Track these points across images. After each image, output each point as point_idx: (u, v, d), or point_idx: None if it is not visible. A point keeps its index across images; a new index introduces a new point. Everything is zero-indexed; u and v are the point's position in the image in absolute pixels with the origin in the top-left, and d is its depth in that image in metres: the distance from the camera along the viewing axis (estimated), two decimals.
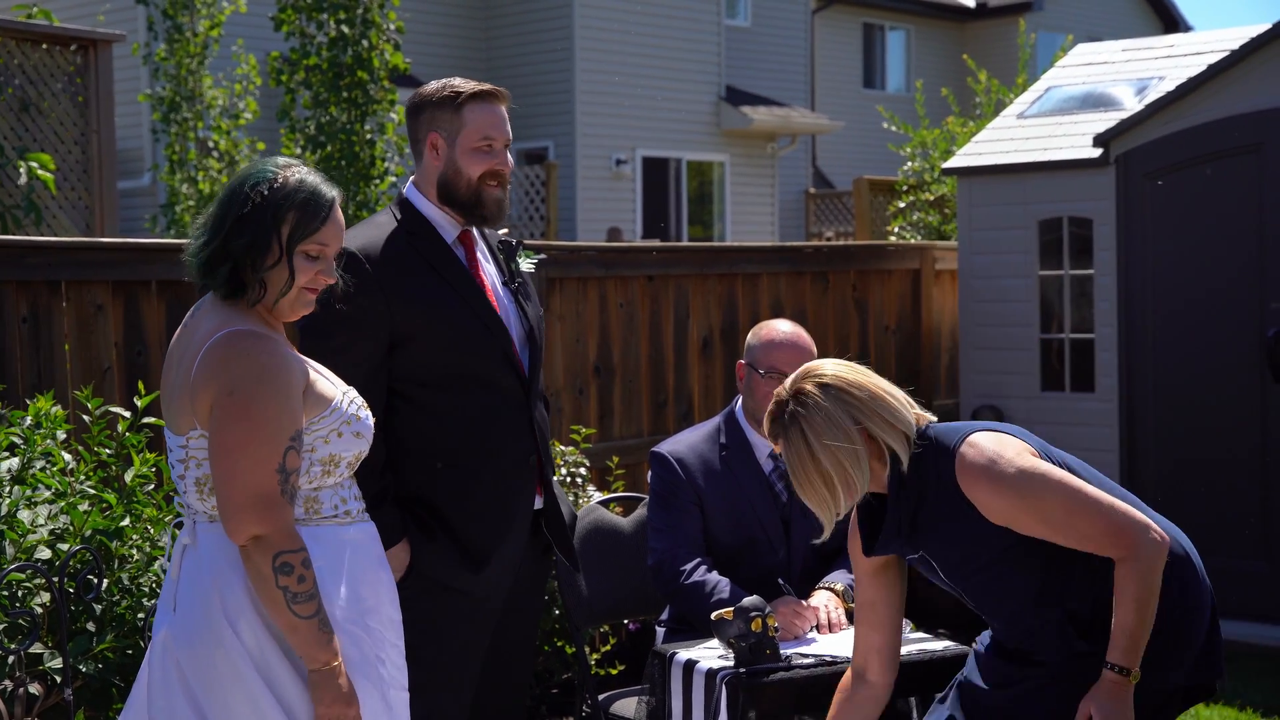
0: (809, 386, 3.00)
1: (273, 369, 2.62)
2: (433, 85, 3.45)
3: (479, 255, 3.49)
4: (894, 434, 3.01)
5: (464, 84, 3.42)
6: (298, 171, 2.73)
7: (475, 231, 3.51)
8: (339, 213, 2.76)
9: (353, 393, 2.83)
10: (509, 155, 3.44)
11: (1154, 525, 2.91)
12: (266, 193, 2.67)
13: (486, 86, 3.43)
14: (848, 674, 3.30)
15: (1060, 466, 3.02)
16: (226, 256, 2.67)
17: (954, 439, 3.01)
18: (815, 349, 4.09)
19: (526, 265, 3.57)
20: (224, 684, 2.61)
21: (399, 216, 3.42)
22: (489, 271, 3.49)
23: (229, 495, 2.58)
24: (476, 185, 3.39)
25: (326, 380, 2.78)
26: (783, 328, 4.12)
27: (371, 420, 2.84)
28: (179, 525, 2.79)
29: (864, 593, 3.22)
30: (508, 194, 3.46)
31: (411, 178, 3.51)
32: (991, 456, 2.94)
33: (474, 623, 3.42)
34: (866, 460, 2.98)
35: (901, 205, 11.28)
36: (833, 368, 3.06)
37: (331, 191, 2.75)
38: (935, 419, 3.12)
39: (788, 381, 3.06)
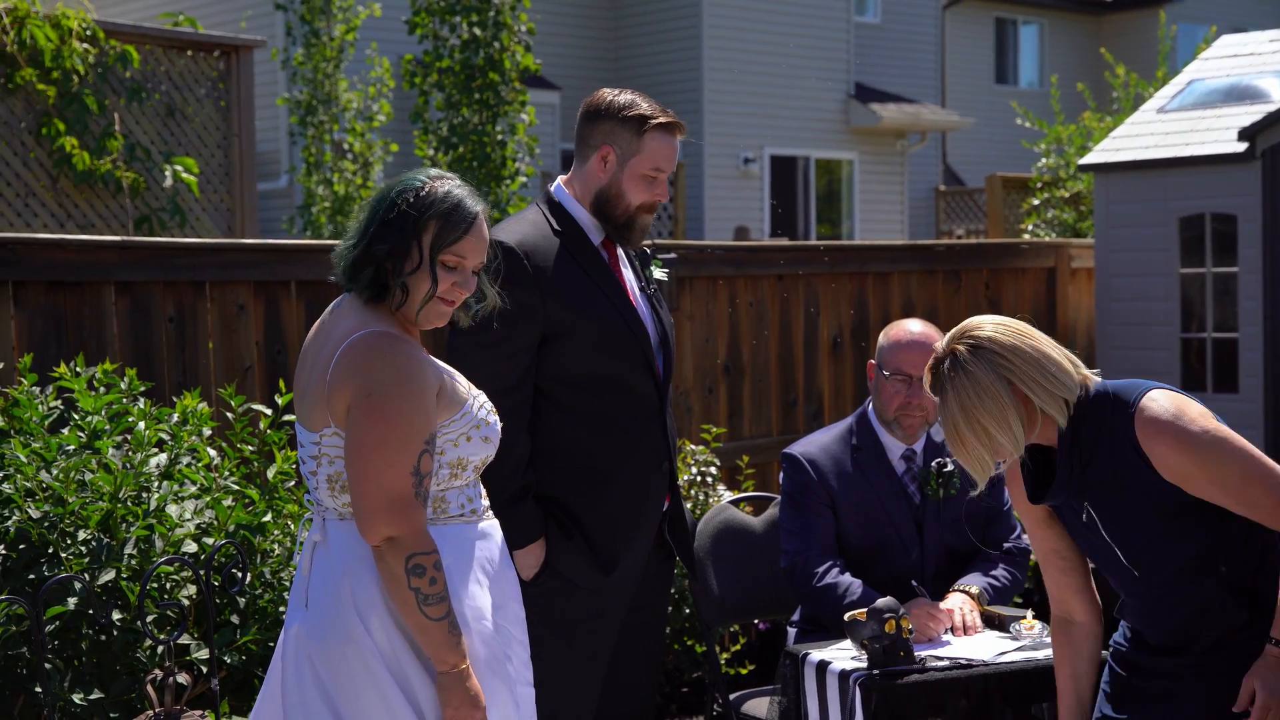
0: (961, 347, 2.97)
1: (410, 372, 2.65)
2: (620, 98, 3.42)
3: (620, 259, 3.52)
4: (1048, 395, 2.94)
5: (650, 108, 3.42)
6: (447, 183, 2.76)
7: None
8: (483, 227, 2.77)
9: (482, 397, 2.86)
10: (668, 185, 3.47)
11: None
12: (412, 200, 2.71)
13: (670, 118, 3.43)
14: (1055, 624, 3.28)
15: None
16: (370, 260, 2.71)
17: (1133, 395, 2.95)
18: None
19: (660, 274, 3.59)
20: (356, 679, 2.65)
21: (550, 217, 3.45)
22: (629, 277, 3.52)
23: (364, 496, 2.62)
24: (634, 211, 3.42)
25: (459, 384, 2.81)
26: (911, 328, 4.05)
27: (499, 425, 2.86)
28: (309, 521, 2.84)
29: (1041, 542, 3.20)
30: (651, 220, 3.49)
31: (561, 178, 3.53)
32: (1175, 413, 2.90)
33: (602, 622, 3.44)
34: (1019, 421, 2.93)
35: (1035, 202, 11.09)
36: (990, 328, 2.99)
37: (478, 206, 2.76)
38: (1100, 377, 3.05)
39: (943, 340, 3.03)
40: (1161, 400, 2.92)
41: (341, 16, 12.62)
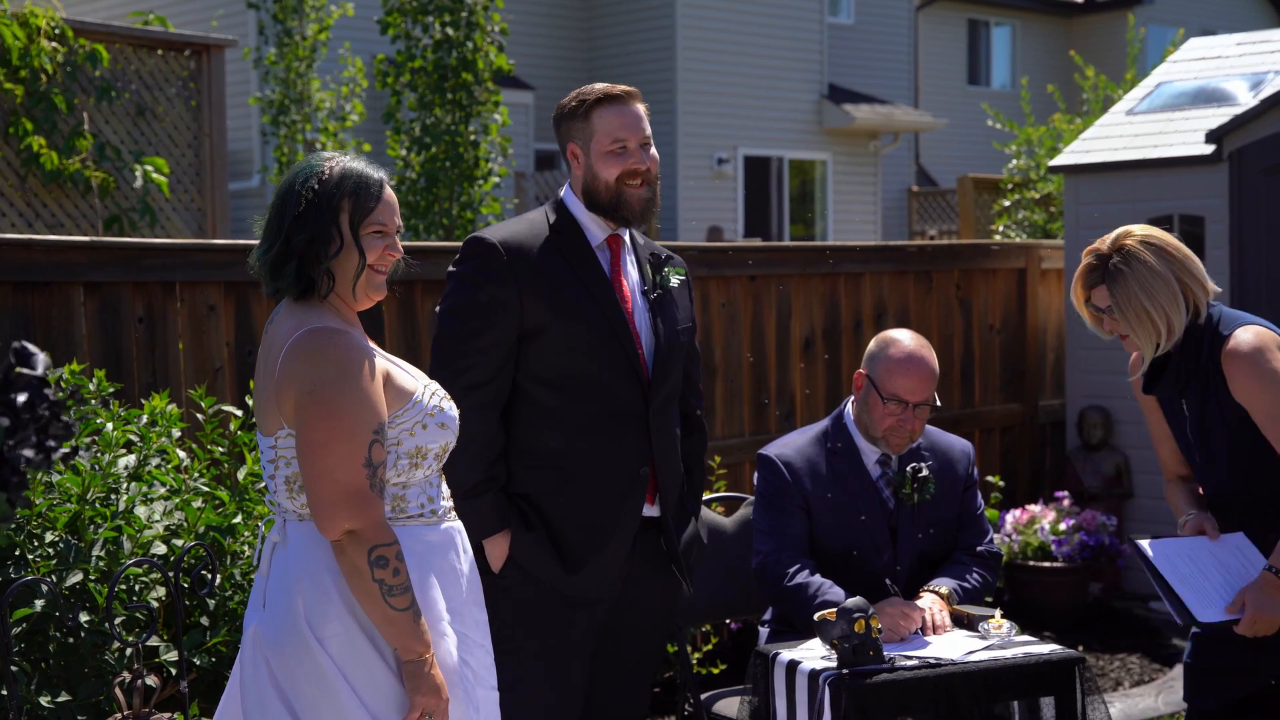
0: (1133, 244, 3.43)
1: (349, 364, 2.66)
2: (567, 96, 3.50)
3: (624, 262, 3.50)
4: (1200, 289, 3.44)
5: (592, 90, 3.45)
6: (341, 161, 2.80)
7: (626, 238, 3.53)
8: (390, 191, 2.83)
9: (434, 384, 2.87)
10: (649, 152, 3.43)
11: None
12: (317, 186, 2.74)
13: (615, 89, 3.44)
14: (1168, 479, 3.74)
15: None
16: (290, 255, 2.73)
17: (1231, 326, 3.44)
18: (938, 368, 4.04)
19: (675, 280, 3.56)
20: (309, 682, 2.66)
21: (551, 217, 3.47)
22: (631, 278, 3.50)
23: (320, 493, 2.63)
24: (615, 187, 3.40)
25: (406, 374, 2.82)
26: (907, 344, 4.01)
27: (455, 411, 2.87)
28: (268, 523, 2.85)
29: (1157, 425, 3.67)
30: (656, 190, 3.45)
31: (568, 182, 3.56)
32: (1255, 349, 3.38)
33: (575, 624, 3.41)
34: (1182, 308, 3.42)
35: (1006, 204, 11.14)
36: (1150, 231, 3.47)
37: (378, 173, 2.82)
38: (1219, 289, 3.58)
39: (1109, 239, 3.48)
40: (1248, 336, 3.40)
41: (314, 16, 12.59)
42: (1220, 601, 3.41)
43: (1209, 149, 6.76)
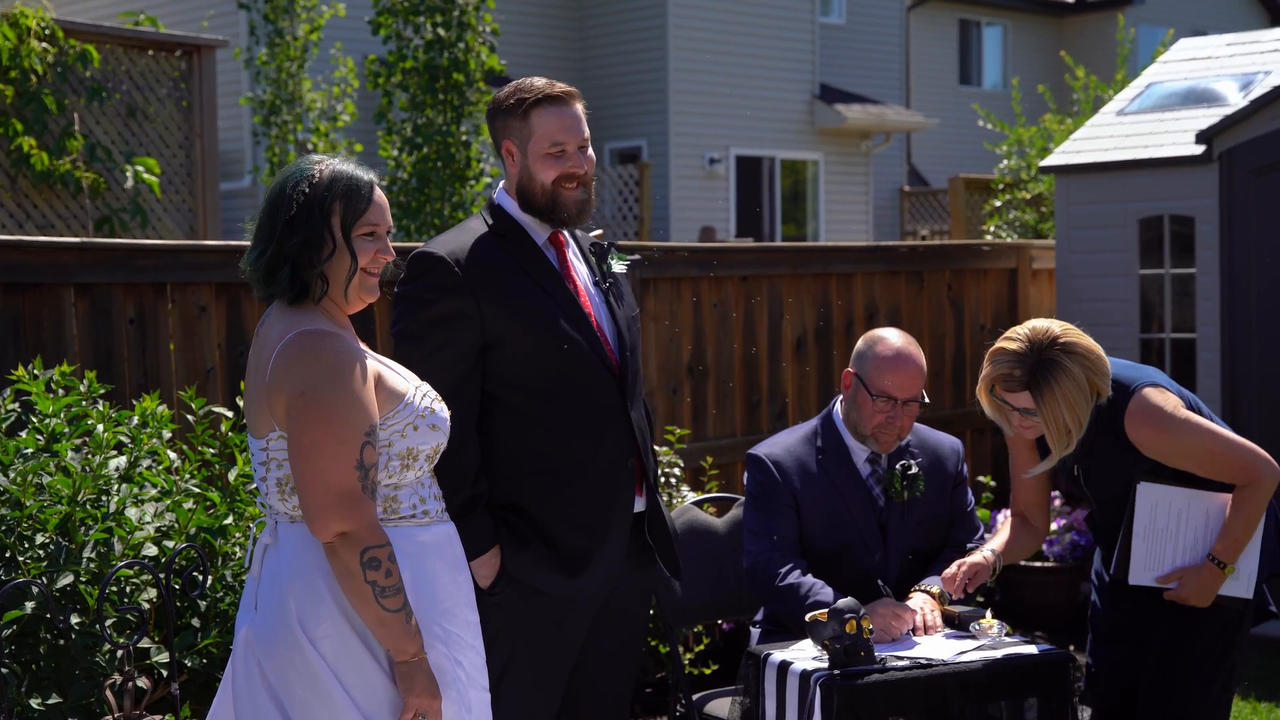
0: (1057, 355, 3.55)
1: (341, 366, 2.67)
2: (504, 91, 3.45)
3: (570, 256, 3.48)
4: (1105, 383, 3.60)
5: (531, 88, 3.39)
6: (331, 164, 2.80)
7: (565, 234, 3.50)
8: (380, 193, 2.83)
9: (425, 386, 2.87)
10: (586, 154, 3.39)
11: (1271, 459, 3.64)
12: (308, 190, 2.74)
13: (555, 89, 3.39)
14: (1015, 519, 4.00)
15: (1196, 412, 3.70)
16: (283, 259, 2.73)
17: (1128, 389, 3.63)
18: (925, 365, 4.05)
19: (619, 267, 3.53)
20: (302, 684, 2.67)
21: (489, 220, 3.43)
22: (581, 273, 3.48)
23: (312, 495, 2.63)
24: (551, 190, 3.37)
25: (397, 375, 2.82)
26: (895, 342, 4.03)
27: (446, 413, 2.87)
28: (260, 525, 2.85)
29: (1019, 467, 3.91)
30: (591, 192, 3.42)
31: (501, 182, 3.52)
32: (1156, 408, 3.61)
33: (565, 626, 3.40)
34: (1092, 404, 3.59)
35: (998, 204, 11.16)
36: (1067, 331, 3.59)
37: (368, 175, 2.82)
38: None
39: (1027, 338, 3.58)
40: (1146, 399, 3.61)
41: (305, 16, 12.57)
42: (1167, 566, 3.70)
43: (1199, 149, 6.77)
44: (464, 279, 3.29)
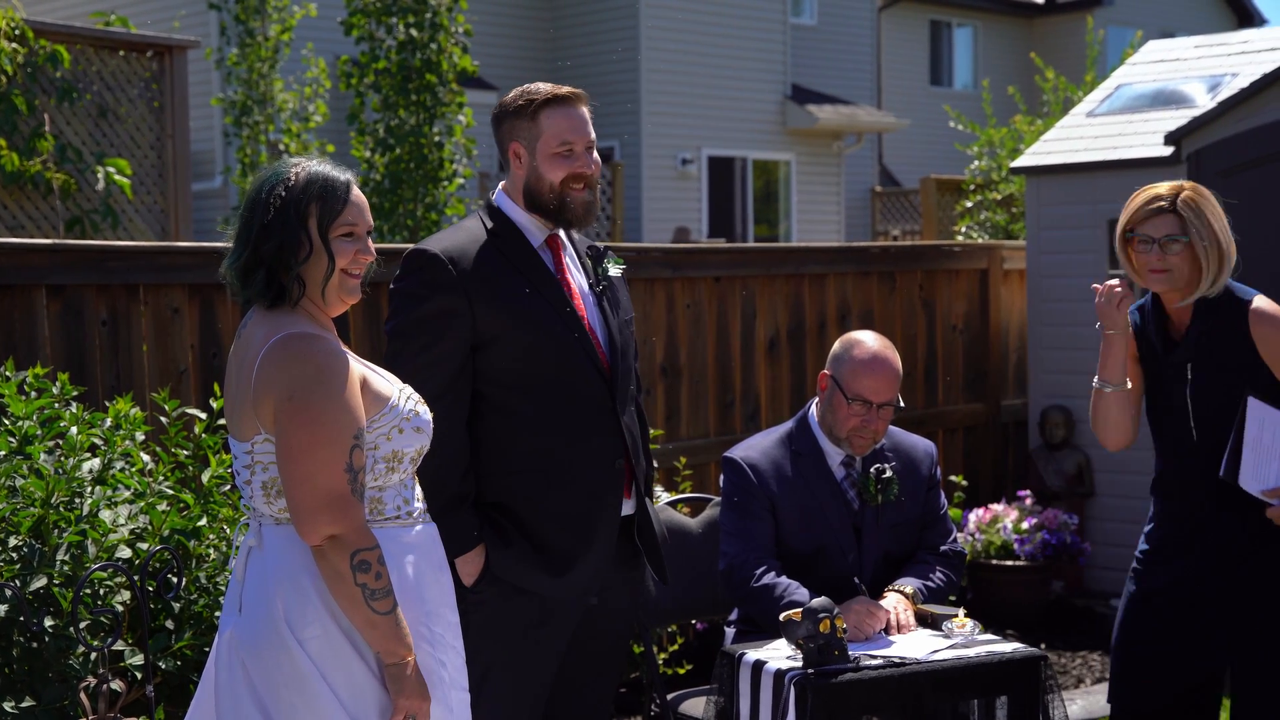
0: (1199, 190, 3.65)
1: (329, 369, 2.66)
2: (512, 94, 3.48)
3: (566, 259, 3.50)
4: (1232, 257, 3.66)
5: (539, 90, 3.43)
6: (308, 166, 2.79)
7: (563, 237, 3.52)
8: (357, 192, 2.82)
9: (409, 389, 2.87)
10: (593, 156, 3.43)
11: None
12: (284, 193, 2.74)
13: (562, 91, 3.43)
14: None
15: None
16: (259, 263, 2.73)
17: (1248, 294, 3.69)
18: (901, 369, 4.07)
19: (615, 270, 3.56)
20: (289, 687, 2.66)
21: (486, 221, 3.45)
22: (576, 275, 3.50)
23: (301, 498, 2.63)
24: (560, 190, 3.39)
25: (381, 378, 2.82)
26: (871, 345, 4.04)
27: (430, 415, 2.87)
28: (244, 526, 2.85)
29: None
30: (597, 194, 3.45)
31: (501, 184, 3.53)
32: (1277, 311, 3.65)
33: (549, 628, 3.40)
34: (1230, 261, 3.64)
35: (969, 204, 11.21)
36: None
37: (345, 175, 2.81)
38: None
39: (1163, 187, 3.66)
40: (1268, 300, 3.68)
41: (276, 17, 12.53)
42: (1272, 481, 3.58)
43: (1168, 150, 6.83)
44: (457, 277, 3.31)
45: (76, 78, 7.68)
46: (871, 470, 4.06)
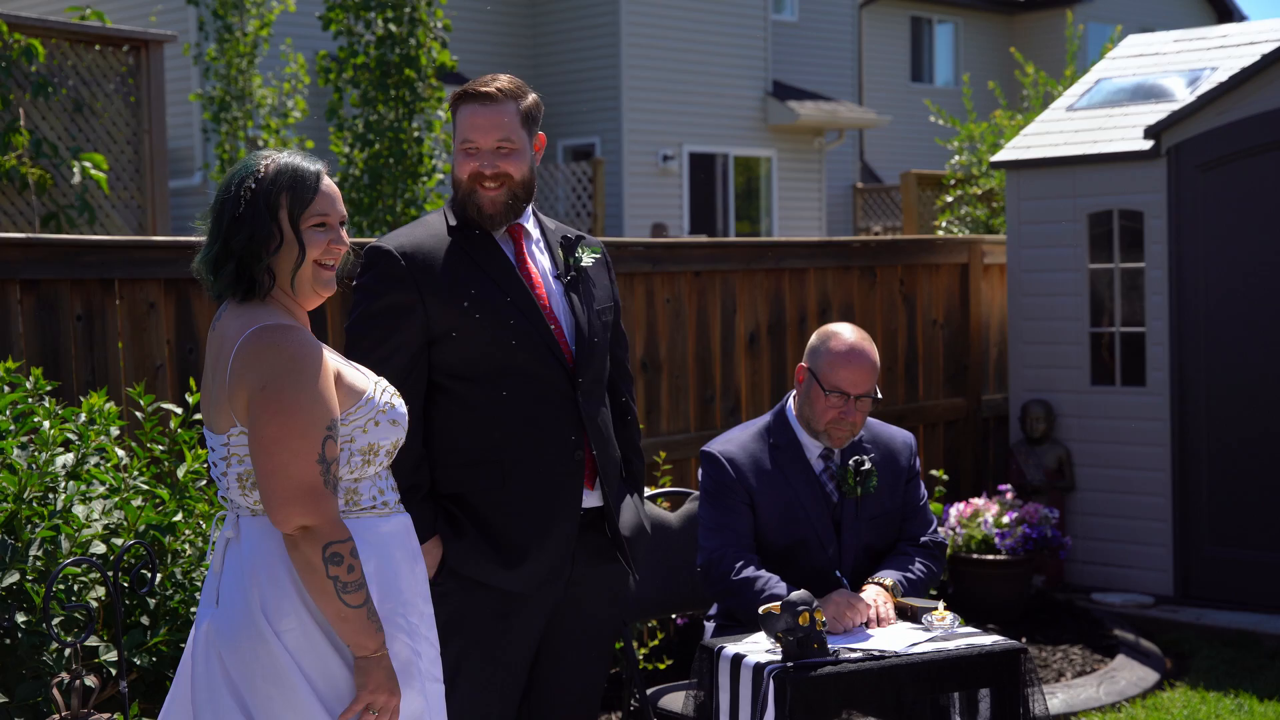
0: None
1: (302, 360, 2.66)
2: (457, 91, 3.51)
3: (529, 249, 3.48)
4: None
5: (467, 86, 3.45)
6: (278, 158, 2.78)
7: (530, 227, 3.50)
8: (329, 182, 2.81)
9: (384, 382, 2.87)
10: (503, 156, 3.37)
11: None
12: (255, 185, 2.73)
13: (475, 88, 3.41)
14: None
15: None
16: (229, 255, 2.72)
17: None
18: (878, 361, 4.06)
19: (588, 259, 3.53)
20: (266, 679, 2.65)
21: (450, 217, 3.45)
22: (540, 264, 3.48)
23: (274, 490, 2.62)
24: (467, 186, 3.40)
25: (357, 371, 2.82)
26: (848, 338, 4.03)
27: (405, 408, 2.87)
28: (221, 519, 2.83)
29: None
30: (519, 197, 3.41)
31: None
32: None
33: (513, 620, 3.38)
34: None
35: (949, 199, 11.22)
36: None
37: (315, 165, 2.80)
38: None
39: None
40: None
41: (255, 11, 12.48)
42: None
43: (1148, 144, 6.84)
44: (408, 271, 3.31)
45: (52, 72, 7.62)
46: (850, 462, 4.05)
